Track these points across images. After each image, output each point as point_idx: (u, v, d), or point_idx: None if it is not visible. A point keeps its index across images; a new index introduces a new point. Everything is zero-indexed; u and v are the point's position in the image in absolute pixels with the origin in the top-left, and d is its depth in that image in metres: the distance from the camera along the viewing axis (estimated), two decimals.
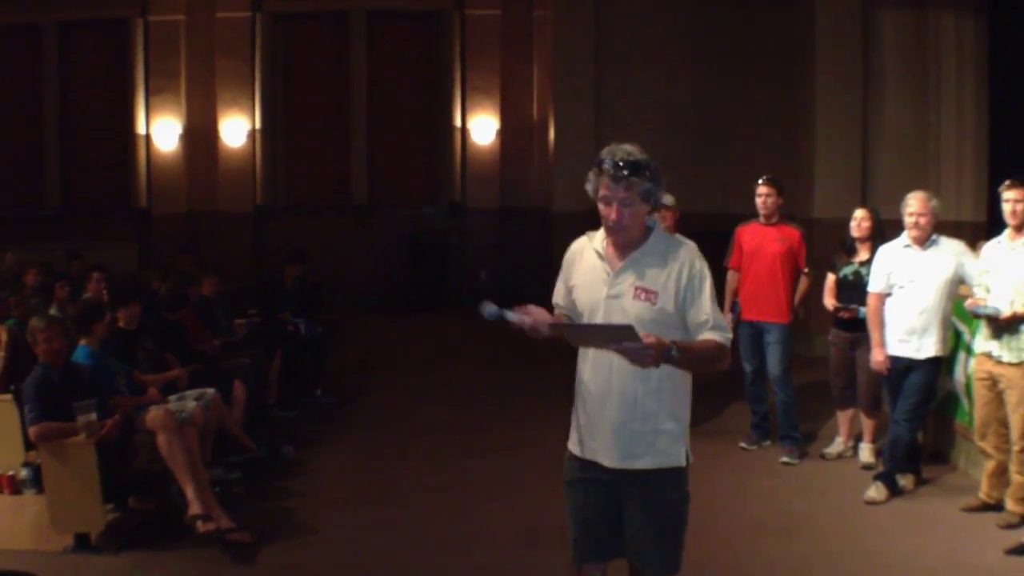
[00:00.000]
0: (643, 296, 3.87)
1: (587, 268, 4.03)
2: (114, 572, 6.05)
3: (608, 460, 3.97)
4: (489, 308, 3.80)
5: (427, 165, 17.40)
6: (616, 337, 3.61)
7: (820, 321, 10.19)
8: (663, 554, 4.03)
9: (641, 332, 3.64)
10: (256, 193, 16.84)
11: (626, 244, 3.93)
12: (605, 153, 3.86)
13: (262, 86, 16.72)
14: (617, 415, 3.93)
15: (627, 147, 3.85)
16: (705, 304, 3.86)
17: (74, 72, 16.50)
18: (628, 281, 3.90)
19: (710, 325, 3.84)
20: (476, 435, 9.11)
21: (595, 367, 3.97)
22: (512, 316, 3.82)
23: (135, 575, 6.01)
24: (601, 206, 3.89)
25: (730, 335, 3.89)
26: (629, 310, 3.86)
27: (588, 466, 4.02)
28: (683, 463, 4.00)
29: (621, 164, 3.79)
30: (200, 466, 6.65)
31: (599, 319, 3.91)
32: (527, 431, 9.05)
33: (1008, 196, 6.57)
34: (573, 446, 4.11)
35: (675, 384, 3.95)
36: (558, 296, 4.17)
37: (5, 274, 11.09)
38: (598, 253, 3.99)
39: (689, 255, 3.90)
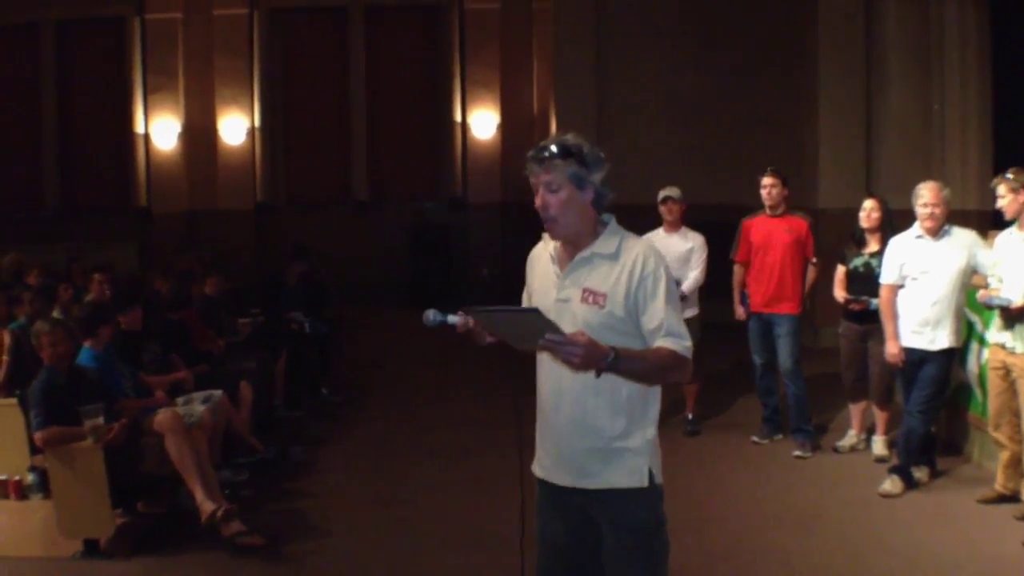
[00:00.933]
0: (591, 299, 3.55)
1: (542, 272, 3.77)
2: None
3: (561, 479, 3.69)
4: (430, 315, 3.69)
5: (428, 160, 17.36)
6: (532, 327, 3.26)
7: (826, 312, 10.15)
8: None
9: (596, 339, 3.36)
10: (256, 190, 16.80)
11: (575, 242, 3.63)
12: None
13: (261, 83, 16.67)
14: (568, 428, 3.63)
15: (568, 136, 3.60)
16: (658, 308, 3.49)
17: (72, 71, 16.44)
18: (576, 283, 3.60)
19: (664, 331, 3.47)
20: (487, 431, 9.01)
21: (547, 373, 3.70)
22: (455, 319, 3.67)
23: None
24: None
25: (689, 343, 3.50)
26: (578, 315, 3.54)
27: (547, 488, 3.78)
28: (645, 483, 3.58)
29: (542, 147, 3.56)
30: (210, 469, 6.59)
31: (560, 323, 3.49)
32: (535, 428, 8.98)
33: (1000, 191, 6.60)
34: (534, 465, 3.85)
35: (634, 395, 3.58)
36: (524, 304, 3.85)
37: (3, 275, 11.01)
38: (551, 255, 3.72)
39: (643, 253, 3.56)
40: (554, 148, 3.54)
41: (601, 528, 3.65)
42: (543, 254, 3.79)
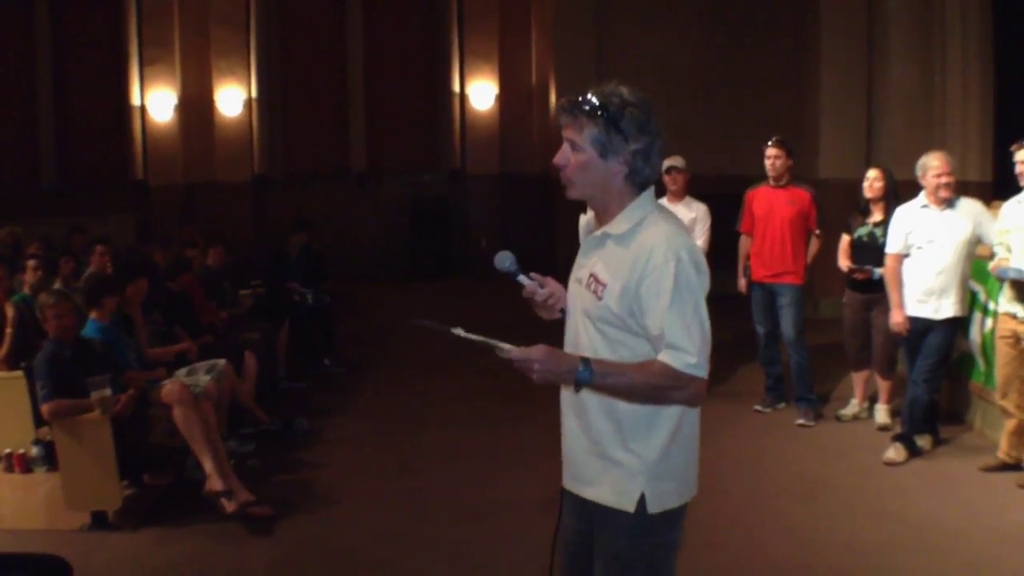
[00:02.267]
0: (592, 287, 3.08)
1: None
2: (133, 549, 6.01)
3: (564, 478, 3.35)
4: (506, 260, 3.23)
5: (426, 132, 17.30)
6: (484, 346, 3.02)
7: (826, 283, 10.18)
8: None
9: (592, 332, 3.09)
10: (254, 163, 16.74)
11: (600, 216, 3.16)
12: None
13: (258, 54, 16.57)
14: (572, 429, 3.27)
15: (622, 89, 3.04)
16: (660, 312, 2.92)
17: (67, 43, 16.31)
18: (589, 264, 3.15)
19: (666, 343, 2.92)
20: (491, 402, 9.05)
21: None
22: (526, 280, 3.27)
23: (154, 552, 5.97)
24: None
25: (694, 360, 2.90)
26: (583, 302, 3.13)
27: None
28: (631, 508, 3.06)
29: (580, 98, 3.03)
30: (218, 439, 6.60)
31: (570, 307, 3.26)
32: (541, 396, 8.99)
33: (1019, 157, 6.52)
34: None
35: (634, 409, 3.05)
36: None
37: (1, 249, 11.00)
38: (584, 226, 3.37)
39: (656, 240, 2.96)
40: (589, 101, 3.02)
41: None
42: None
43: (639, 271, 2.95)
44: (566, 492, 3.37)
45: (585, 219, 3.37)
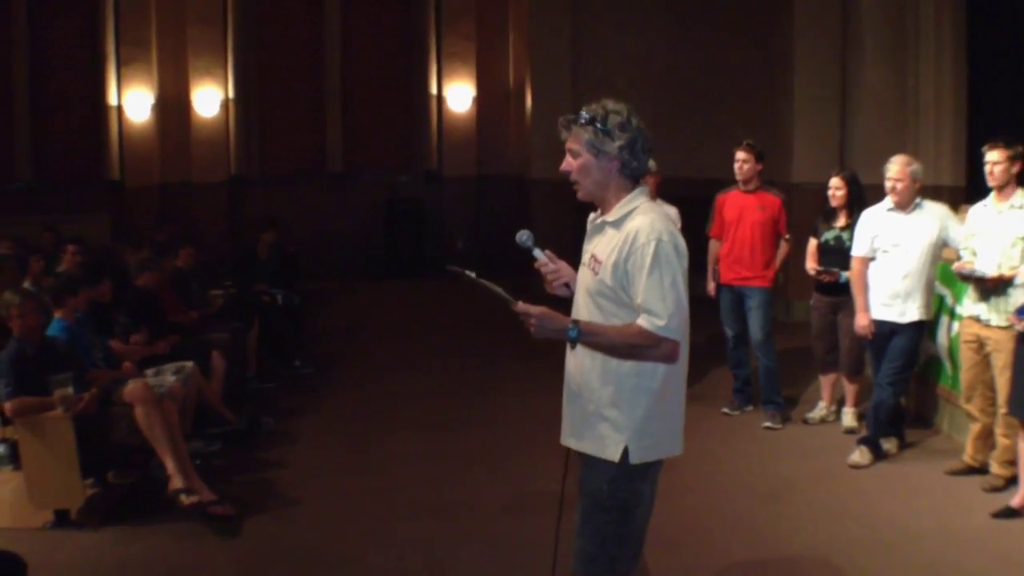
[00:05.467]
0: (592, 265, 3.72)
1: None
2: (96, 547, 5.99)
3: (561, 433, 3.88)
4: (524, 236, 3.84)
5: (403, 133, 17.26)
6: (497, 296, 3.52)
7: (798, 287, 10.20)
8: (580, 545, 3.74)
9: (591, 306, 3.66)
10: (230, 163, 16.65)
11: (602, 209, 3.77)
12: None
13: (235, 54, 16.49)
14: (570, 388, 3.82)
15: (607, 102, 3.70)
16: (640, 282, 3.53)
17: (44, 42, 16.19)
18: (590, 247, 3.78)
19: (642, 308, 3.53)
20: (458, 402, 9.07)
21: None
22: (540, 254, 3.87)
23: (117, 550, 5.96)
24: None
25: (663, 322, 3.49)
26: (585, 280, 3.76)
27: None
28: (616, 458, 3.64)
29: (574, 116, 3.70)
30: (180, 439, 6.58)
31: (576, 290, 3.84)
32: (511, 397, 9.04)
33: (988, 158, 6.55)
34: None
35: (623, 369, 3.64)
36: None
37: None
38: (590, 220, 3.88)
39: (642, 224, 3.60)
40: (579, 115, 3.68)
41: None
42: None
43: (627, 249, 3.57)
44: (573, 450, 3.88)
45: (593, 215, 3.88)
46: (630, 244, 3.56)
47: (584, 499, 3.75)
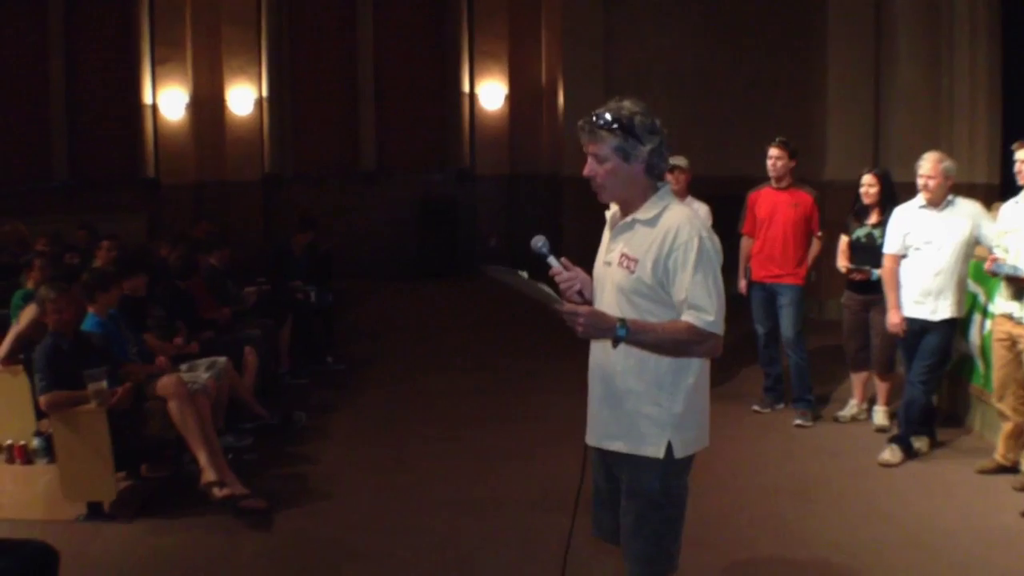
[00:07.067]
0: (625, 263, 3.65)
1: (605, 235, 3.88)
2: (128, 540, 6.06)
3: (590, 437, 3.85)
4: (539, 242, 3.73)
5: (436, 131, 17.31)
6: (543, 295, 3.47)
7: (832, 285, 10.14)
8: (638, 548, 3.72)
9: (624, 304, 3.60)
10: (264, 161, 16.78)
11: (625, 208, 3.72)
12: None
13: (269, 53, 16.61)
14: (599, 389, 3.78)
15: (625, 103, 3.64)
16: (684, 280, 3.53)
17: (80, 42, 16.38)
18: (619, 247, 3.70)
19: (687, 304, 3.53)
20: (488, 400, 9.11)
21: (594, 341, 3.78)
22: (555, 262, 3.74)
23: (149, 542, 6.03)
24: None
25: (712, 318, 3.52)
26: (615, 278, 3.68)
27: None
28: (661, 455, 3.65)
29: (594, 118, 3.62)
30: (212, 433, 6.64)
31: (597, 288, 3.78)
32: (540, 395, 9.05)
33: (1018, 156, 6.52)
34: None
35: (661, 366, 3.65)
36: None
37: (7, 244, 11.07)
38: (609, 219, 3.85)
39: (680, 222, 3.59)
40: (604, 118, 3.60)
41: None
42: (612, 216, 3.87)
43: (667, 247, 3.55)
44: (591, 451, 3.90)
45: (611, 213, 3.86)
46: (671, 242, 3.55)
47: (635, 500, 3.71)
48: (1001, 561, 5.54)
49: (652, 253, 3.57)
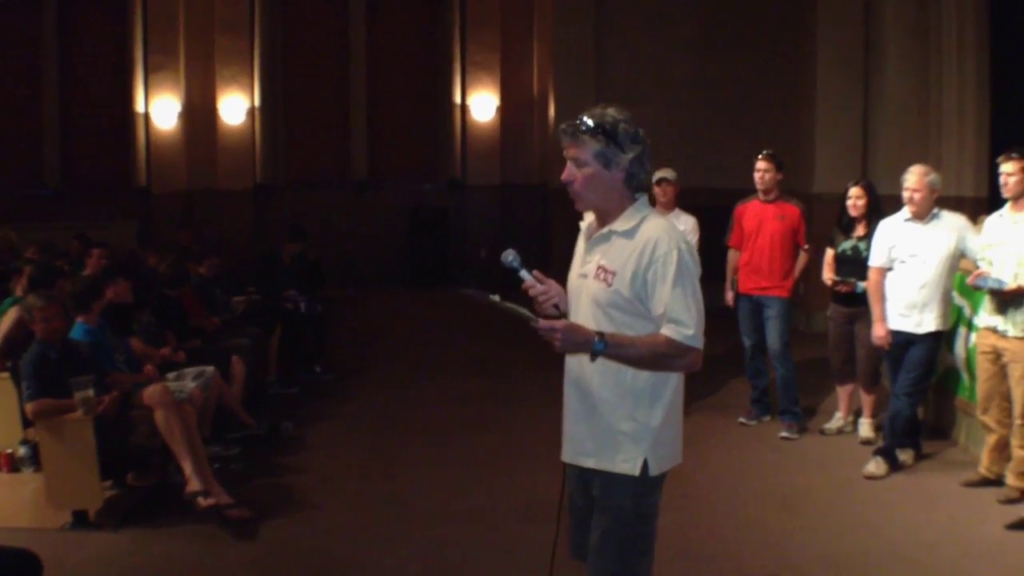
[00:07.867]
0: (601, 276, 3.55)
1: (579, 246, 3.79)
2: (113, 549, 6.05)
3: (565, 452, 3.76)
4: (510, 256, 3.58)
5: (427, 141, 17.36)
6: (519, 315, 3.39)
7: (819, 297, 10.17)
8: (601, 564, 3.63)
9: (600, 317, 3.51)
10: (256, 170, 16.81)
11: (602, 218, 3.64)
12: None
13: (261, 63, 16.66)
14: (575, 405, 3.69)
15: (610, 110, 3.57)
16: (664, 293, 3.45)
17: (73, 50, 16.40)
18: (595, 259, 3.60)
19: (667, 318, 3.44)
20: (477, 410, 9.12)
21: (569, 355, 3.69)
22: (527, 276, 3.59)
23: (134, 551, 6.01)
24: None
25: (691, 331, 3.44)
26: (590, 291, 3.58)
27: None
28: (636, 472, 3.56)
29: (578, 122, 3.54)
30: (198, 442, 6.64)
31: (572, 300, 3.68)
32: (527, 406, 9.05)
33: (1003, 169, 6.55)
34: None
35: (638, 381, 3.56)
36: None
37: None
38: (584, 230, 3.77)
39: (659, 234, 3.49)
40: (586, 123, 3.53)
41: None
42: (587, 227, 3.78)
43: (646, 259, 3.46)
44: (569, 467, 3.80)
45: (586, 223, 3.78)
46: (649, 254, 3.46)
47: (603, 517, 3.62)
48: (985, 573, 5.58)
49: (630, 266, 3.49)
